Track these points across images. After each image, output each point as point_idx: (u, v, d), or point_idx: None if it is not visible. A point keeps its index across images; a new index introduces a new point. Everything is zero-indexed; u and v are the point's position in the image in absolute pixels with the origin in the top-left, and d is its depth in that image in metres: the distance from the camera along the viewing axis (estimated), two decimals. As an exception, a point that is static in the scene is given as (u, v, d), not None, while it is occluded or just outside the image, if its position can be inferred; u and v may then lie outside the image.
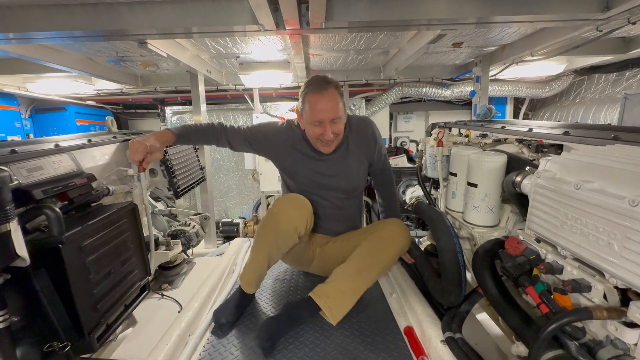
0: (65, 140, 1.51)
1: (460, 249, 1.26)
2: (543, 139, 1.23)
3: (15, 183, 0.97)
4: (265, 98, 4.45)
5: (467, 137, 1.67)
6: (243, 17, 1.74)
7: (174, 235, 2.05)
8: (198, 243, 2.24)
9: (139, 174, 1.46)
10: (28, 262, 0.89)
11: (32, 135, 4.00)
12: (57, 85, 3.43)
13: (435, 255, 1.47)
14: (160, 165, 1.98)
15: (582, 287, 0.78)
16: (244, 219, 4.76)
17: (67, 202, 1.15)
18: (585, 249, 0.77)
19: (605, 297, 0.75)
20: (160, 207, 2.34)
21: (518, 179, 1.10)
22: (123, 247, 1.30)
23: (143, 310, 1.49)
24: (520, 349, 0.96)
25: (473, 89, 3.42)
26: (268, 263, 1.45)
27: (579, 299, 0.81)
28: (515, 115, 4.69)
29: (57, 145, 1.36)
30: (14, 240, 0.85)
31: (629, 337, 0.69)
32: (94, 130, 4.42)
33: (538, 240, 0.96)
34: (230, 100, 4.61)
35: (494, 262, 1.12)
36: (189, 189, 2.20)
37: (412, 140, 4.92)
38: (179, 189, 2.04)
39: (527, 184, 1.05)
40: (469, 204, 1.36)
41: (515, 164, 1.23)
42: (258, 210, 4.87)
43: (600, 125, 1.38)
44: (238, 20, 1.75)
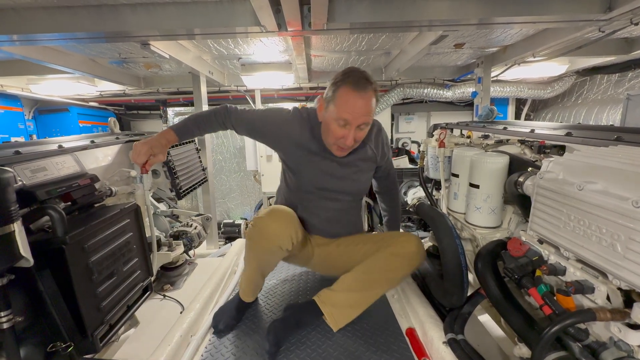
0: (69, 142, 1.52)
1: (462, 250, 1.25)
2: (545, 140, 1.22)
3: (19, 184, 0.98)
4: (267, 99, 4.47)
5: (469, 138, 1.67)
6: (245, 18, 1.76)
7: (176, 236, 2.06)
8: (200, 244, 2.26)
9: (142, 176, 1.47)
10: (32, 262, 0.89)
11: (35, 137, 4.02)
12: (60, 87, 3.44)
13: (437, 257, 1.47)
14: (163, 167, 1.99)
15: (585, 288, 0.77)
16: (246, 220, 4.76)
17: (70, 202, 1.15)
18: (588, 250, 0.77)
19: (609, 298, 0.75)
20: (163, 208, 2.35)
21: (520, 180, 1.09)
22: (126, 247, 1.31)
23: (145, 311, 1.50)
24: (523, 351, 0.95)
25: (475, 90, 3.42)
26: (261, 273, 1.44)
27: (582, 301, 0.81)
28: (517, 116, 4.68)
29: (60, 147, 1.37)
30: (18, 241, 0.85)
31: (633, 338, 0.69)
32: (97, 132, 4.44)
33: (540, 242, 0.95)
34: (232, 102, 4.63)
35: (496, 263, 1.11)
36: (191, 190, 2.20)
37: (413, 141, 4.92)
38: (181, 190, 2.05)
39: (529, 185, 1.05)
40: (471, 205, 1.35)
41: (518, 165, 1.23)
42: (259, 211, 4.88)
43: (603, 126, 1.38)
44: (240, 22, 1.77)
